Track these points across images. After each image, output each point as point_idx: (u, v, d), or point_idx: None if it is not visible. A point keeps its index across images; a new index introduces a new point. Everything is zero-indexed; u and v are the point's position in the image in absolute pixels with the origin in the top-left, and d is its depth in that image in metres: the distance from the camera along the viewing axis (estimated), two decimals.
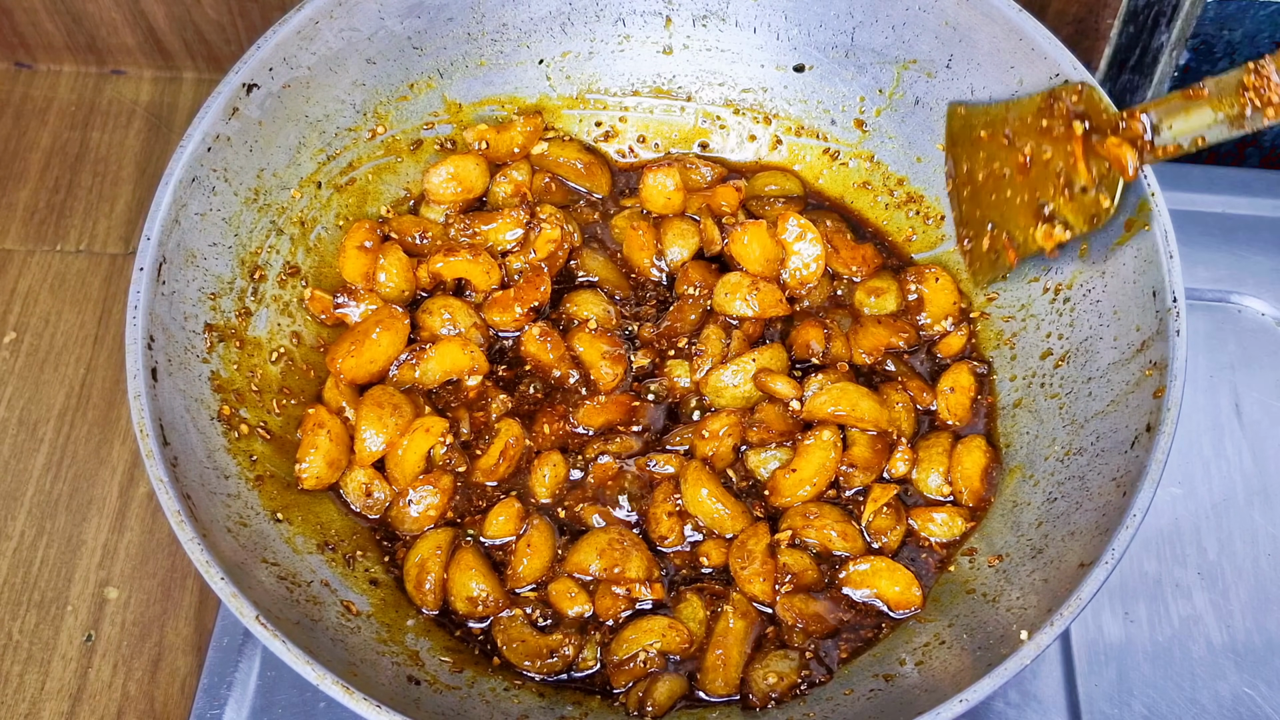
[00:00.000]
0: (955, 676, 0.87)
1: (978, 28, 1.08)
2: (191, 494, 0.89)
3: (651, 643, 0.95)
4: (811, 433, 1.03)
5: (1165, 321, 0.94)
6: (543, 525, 1.01)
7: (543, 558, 1.00)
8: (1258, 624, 1.09)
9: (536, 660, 0.95)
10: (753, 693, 0.94)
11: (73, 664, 1.12)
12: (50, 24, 1.43)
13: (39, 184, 1.41)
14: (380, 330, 1.06)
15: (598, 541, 0.99)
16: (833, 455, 1.02)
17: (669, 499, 1.02)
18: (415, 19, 1.13)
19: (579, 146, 1.21)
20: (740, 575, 0.98)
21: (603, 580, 0.98)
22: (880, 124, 1.19)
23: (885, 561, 0.99)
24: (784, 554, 0.99)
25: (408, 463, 1.02)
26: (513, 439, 1.04)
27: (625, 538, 0.99)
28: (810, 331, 1.10)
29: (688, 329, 1.11)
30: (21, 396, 1.26)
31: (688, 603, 0.98)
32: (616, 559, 0.98)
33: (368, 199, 1.16)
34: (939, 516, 1.02)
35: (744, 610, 0.97)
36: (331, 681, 0.80)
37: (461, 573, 0.98)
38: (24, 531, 1.18)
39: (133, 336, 0.92)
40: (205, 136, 1.01)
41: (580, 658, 0.96)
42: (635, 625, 0.97)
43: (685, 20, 1.20)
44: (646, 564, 0.99)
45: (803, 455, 1.03)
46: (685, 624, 0.96)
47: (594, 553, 0.98)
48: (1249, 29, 1.24)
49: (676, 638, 0.96)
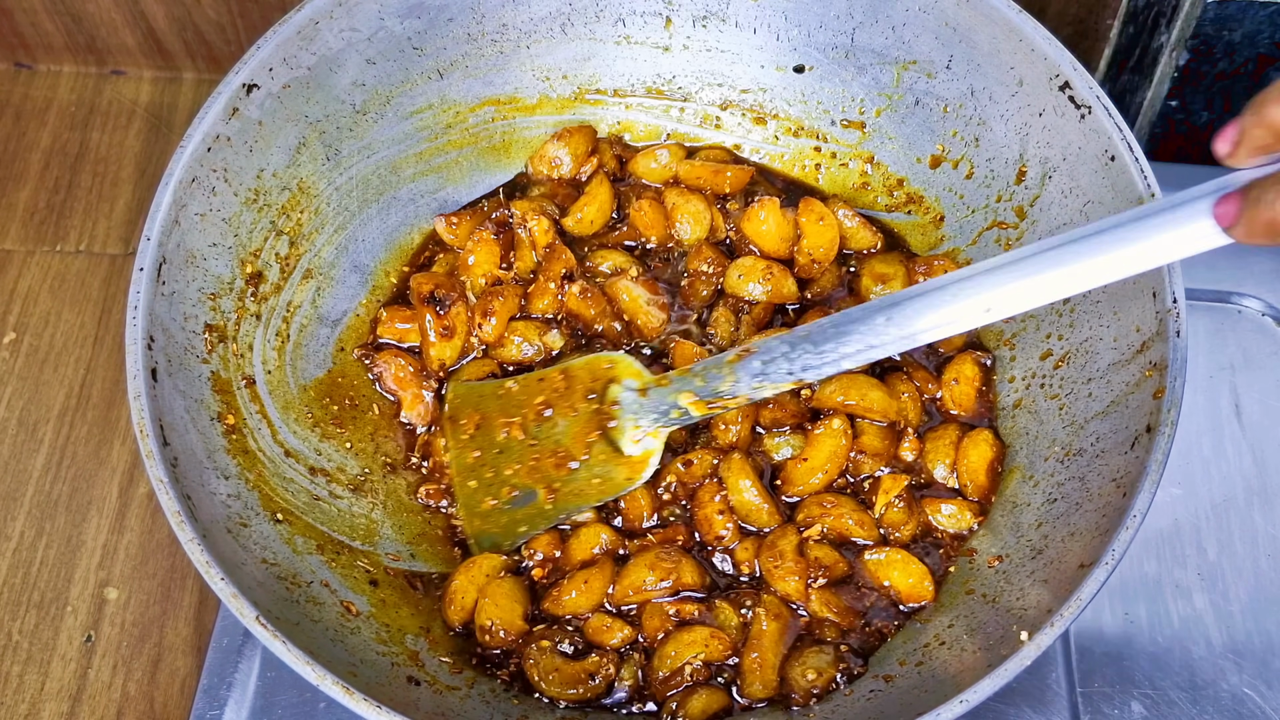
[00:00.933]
0: (955, 677, 0.87)
1: (978, 28, 1.08)
2: (191, 494, 0.89)
3: (696, 655, 0.95)
4: (821, 421, 1.04)
5: (1165, 322, 0.94)
6: (606, 563, 1.00)
7: (593, 598, 0.99)
8: (1258, 624, 1.09)
9: (578, 687, 0.94)
10: (794, 691, 0.94)
11: (72, 664, 1.11)
12: (50, 24, 1.43)
13: (39, 184, 1.41)
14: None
15: (646, 559, 0.99)
16: (843, 443, 1.03)
17: (714, 498, 1.02)
18: (415, 19, 1.13)
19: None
20: (774, 574, 0.98)
21: (655, 597, 0.98)
22: (880, 125, 1.19)
23: (900, 553, 1.00)
24: (813, 549, 0.99)
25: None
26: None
27: (669, 549, 0.99)
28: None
29: (699, 305, 1.11)
30: (21, 397, 1.26)
31: (719, 610, 0.98)
32: (670, 569, 0.98)
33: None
34: (947, 509, 1.02)
35: (776, 611, 0.97)
36: (331, 682, 0.80)
37: (492, 602, 0.98)
38: (24, 532, 1.18)
39: (133, 337, 0.92)
40: (205, 137, 1.01)
41: (619, 676, 0.96)
42: (675, 639, 0.96)
43: (685, 21, 1.20)
44: (697, 571, 0.99)
45: (813, 444, 1.03)
46: (726, 630, 0.96)
47: (645, 570, 0.98)
48: (1249, 29, 1.24)
49: (720, 646, 0.95)
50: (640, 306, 1.09)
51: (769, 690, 0.95)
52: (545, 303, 1.11)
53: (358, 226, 1.15)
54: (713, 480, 1.03)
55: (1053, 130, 1.05)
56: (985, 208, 1.13)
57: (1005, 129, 1.10)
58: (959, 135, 1.14)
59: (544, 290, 1.10)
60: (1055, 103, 1.04)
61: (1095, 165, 1.02)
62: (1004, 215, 1.12)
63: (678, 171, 1.19)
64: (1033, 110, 1.07)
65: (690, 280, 1.13)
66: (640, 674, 0.96)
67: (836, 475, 1.03)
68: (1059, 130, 1.05)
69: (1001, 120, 1.10)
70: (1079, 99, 1.02)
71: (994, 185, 1.12)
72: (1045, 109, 1.06)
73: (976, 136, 1.13)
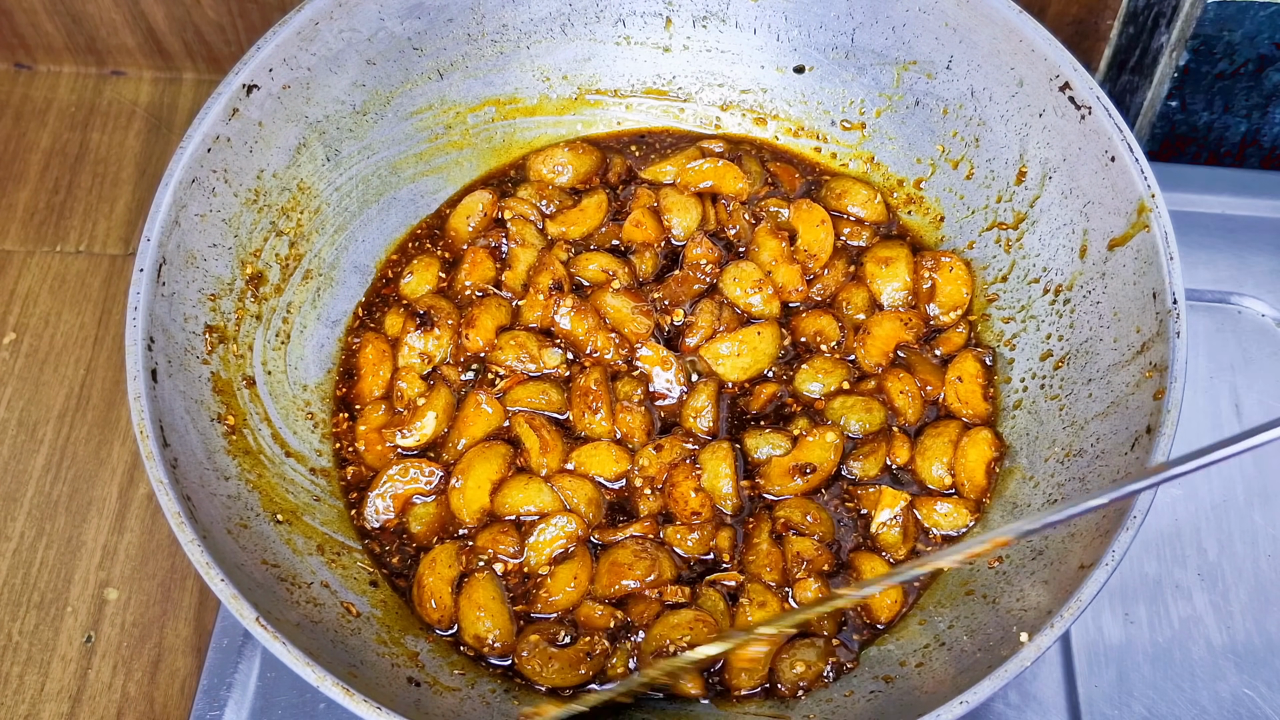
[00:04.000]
0: (955, 678, 0.87)
1: (978, 29, 1.08)
2: (191, 495, 0.89)
3: (681, 637, 0.95)
4: (815, 430, 1.04)
5: (1165, 323, 0.94)
6: (584, 554, 1.00)
7: (582, 588, 0.99)
8: (1258, 625, 1.09)
9: (576, 669, 0.94)
10: (781, 683, 0.94)
11: (72, 665, 1.11)
12: (50, 25, 1.43)
13: (39, 185, 1.41)
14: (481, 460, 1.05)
15: (624, 555, 0.99)
16: (832, 457, 1.03)
17: (690, 476, 1.02)
18: (415, 20, 1.13)
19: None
20: (750, 565, 0.99)
21: (640, 590, 0.98)
22: (880, 125, 1.19)
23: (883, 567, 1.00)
24: (793, 543, 1.00)
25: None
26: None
27: (645, 544, 0.99)
28: (822, 320, 1.10)
29: (686, 300, 1.12)
30: (21, 397, 1.26)
31: (706, 596, 0.98)
32: (650, 565, 0.98)
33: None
34: (943, 507, 1.02)
35: (761, 600, 0.97)
36: (332, 683, 0.80)
37: (473, 607, 0.98)
38: (24, 532, 1.18)
39: (132, 337, 0.92)
40: (205, 137, 1.01)
41: (610, 662, 0.96)
42: (663, 622, 0.96)
43: (685, 21, 1.20)
44: (674, 564, 1.00)
45: (803, 449, 1.03)
46: (711, 615, 0.97)
47: (626, 564, 0.98)
48: (1249, 29, 1.24)
49: (704, 629, 0.96)
50: (626, 315, 1.09)
51: (754, 681, 0.95)
52: (536, 314, 1.10)
53: (358, 227, 1.15)
54: (686, 462, 1.03)
55: (1053, 131, 1.05)
56: (985, 208, 1.13)
57: (1005, 129, 1.10)
58: (959, 136, 1.14)
59: (534, 303, 1.10)
60: (1055, 103, 1.04)
61: (1095, 166, 1.02)
62: (1004, 216, 1.12)
63: (680, 177, 1.18)
64: (1033, 111, 1.07)
65: (685, 273, 1.13)
66: (633, 660, 0.96)
67: (819, 484, 1.03)
68: (1059, 131, 1.05)
69: (1001, 121, 1.10)
70: (1079, 99, 1.02)
71: (994, 186, 1.12)
72: (1045, 109, 1.06)
73: (976, 137, 1.13)
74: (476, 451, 1.03)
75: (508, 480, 1.03)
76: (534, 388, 1.07)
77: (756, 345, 1.09)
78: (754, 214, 1.16)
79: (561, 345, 1.09)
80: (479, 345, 1.09)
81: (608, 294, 1.10)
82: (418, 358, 1.08)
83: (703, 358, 1.09)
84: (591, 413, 1.05)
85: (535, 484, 1.02)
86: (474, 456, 1.03)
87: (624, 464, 1.04)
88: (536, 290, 1.10)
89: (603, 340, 1.08)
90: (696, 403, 1.06)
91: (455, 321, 1.10)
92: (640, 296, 1.10)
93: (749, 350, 1.09)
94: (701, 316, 1.10)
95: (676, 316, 1.11)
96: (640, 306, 1.09)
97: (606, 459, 1.04)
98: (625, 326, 1.09)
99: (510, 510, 1.02)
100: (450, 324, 1.09)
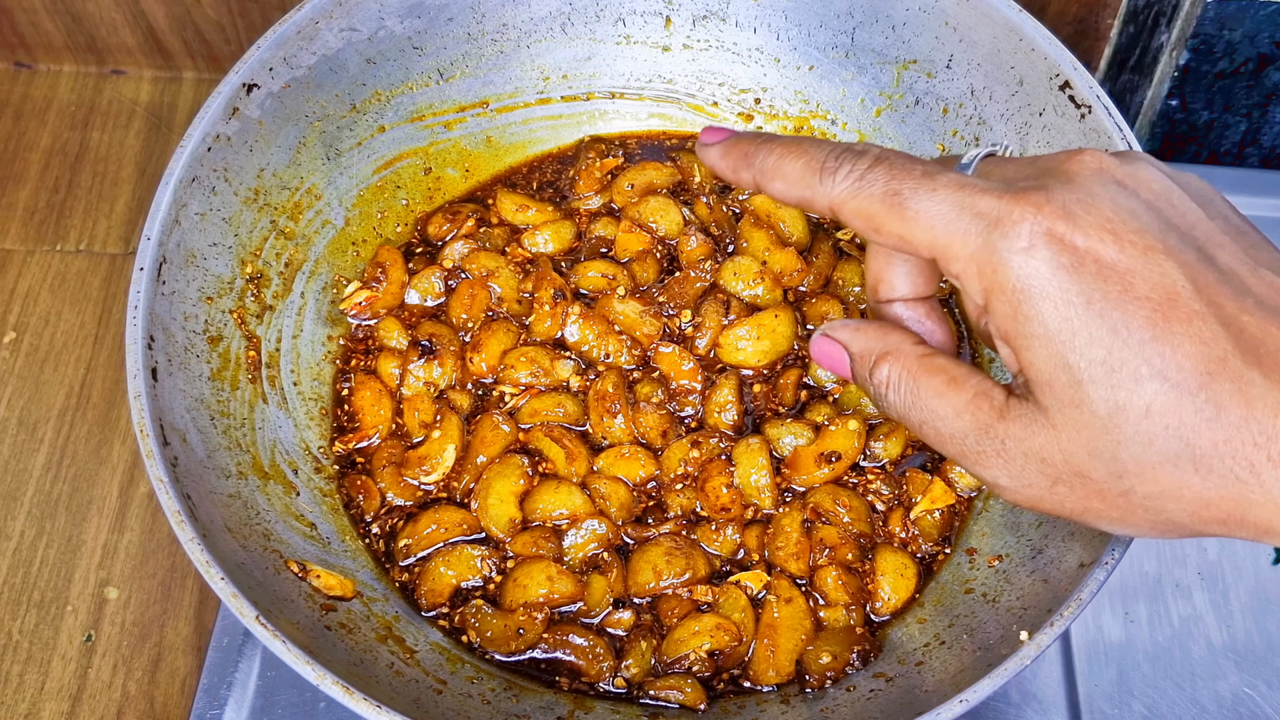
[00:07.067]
0: (955, 676, 0.87)
1: (978, 28, 1.08)
2: (191, 494, 0.89)
3: (701, 645, 0.95)
4: (838, 419, 1.04)
5: None
6: (614, 561, 1.01)
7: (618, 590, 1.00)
8: (1258, 624, 1.09)
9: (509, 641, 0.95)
10: (809, 674, 0.95)
11: (73, 664, 1.12)
12: (50, 24, 1.43)
13: (39, 184, 1.41)
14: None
15: (656, 555, 0.99)
16: (856, 444, 1.03)
17: (723, 472, 1.02)
18: (415, 19, 1.13)
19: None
20: (777, 555, 0.99)
21: (673, 589, 0.98)
22: (880, 124, 1.19)
23: (904, 559, 1.00)
24: (819, 530, 1.00)
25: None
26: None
27: (678, 540, 1.00)
28: (828, 304, 1.10)
29: (688, 300, 1.12)
30: (21, 396, 1.26)
31: (728, 594, 0.98)
32: (685, 564, 0.98)
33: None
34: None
35: (788, 596, 0.97)
36: (332, 681, 0.80)
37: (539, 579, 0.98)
38: (24, 531, 1.18)
39: (133, 336, 0.92)
40: (205, 136, 1.01)
41: (625, 667, 0.96)
42: (684, 626, 0.96)
43: (685, 20, 1.20)
44: (707, 561, 1.00)
45: (827, 438, 1.03)
46: (731, 619, 0.97)
47: (661, 563, 0.98)
48: (1249, 29, 1.24)
49: (725, 636, 0.96)
50: (636, 319, 1.09)
51: (781, 677, 0.95)
52: (546, 326, 1.10)
53: (358, 226, 1.15)
54: (720, 459, 1.03)
55: (1053, 130, 1.05)
56: None
57: (1005, 129, 1.10)
58: (959, 135, 1.14)
59: (541, 315, 1.10)
60: (1055, 102, 1.04)
61: None
62: None
63: (636, 182, 1.18)
64: (1033, 110, 1.07)
65: (685, 273, 1.13)
66: (653, 659, 0.96)
67: (844, 471, 1.03)
68: (1059, 130, 1.05)
69: (1001, 120, 1.10)
70: (1079, 98, 1.02)
71: None
72: (1045, 108, 1.06)
73: (977, 136, 1.13)
74: (494, 470, 1.03)
75: (535, 488, 1.03)
76: (549, 399, 1.06)
77: (775, 328, 1.09)
78: (729, 207, 1.17)
79: (573, 356, 1.09)
80: (484, 370, 1.09)
81: (614, 300, 1.10)
82: (423, 385, 1.08)
83: (721, 347, 1.09)
84: (610, 416, 1.05)
85: (565, 488, 1.02)
86: (492, 476, 1.03)
87: (650, 467, 1.04)
88: (540, 303, 1.10)
89: (614, 344, 1.08)
90: (720, 398, 1.06)
91: (457, 347, 1.10)
92: (647, 300, 1.11)
93: (767, 334, 1.08)
94: (709, 316, 1.10)
95: (685, 318, 1.11)
96: (648, 309, 1.09)
97: (633, 463, 1.04)
98: (636, 330, 1.09)
99: (541, 516, 1.02)
100: (453, 350, 1.09)
